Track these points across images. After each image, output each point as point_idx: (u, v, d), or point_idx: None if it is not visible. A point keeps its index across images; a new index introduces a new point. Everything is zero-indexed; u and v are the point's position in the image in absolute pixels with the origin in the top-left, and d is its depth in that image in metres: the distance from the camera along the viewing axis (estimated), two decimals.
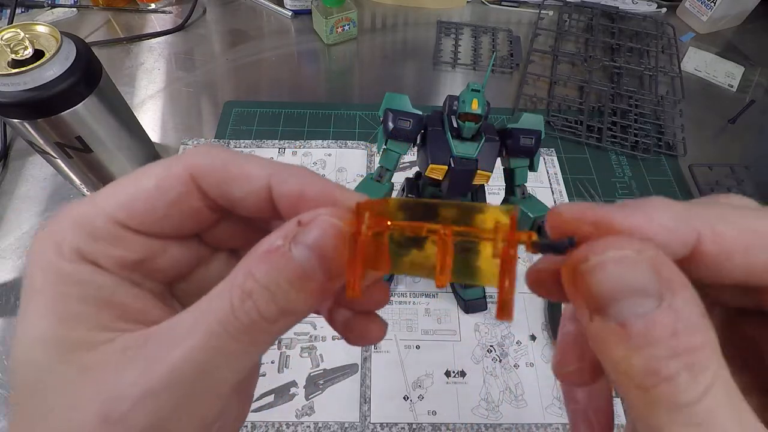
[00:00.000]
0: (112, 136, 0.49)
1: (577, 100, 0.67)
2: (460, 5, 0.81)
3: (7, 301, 0.47)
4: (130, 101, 0.60)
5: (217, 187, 0.15)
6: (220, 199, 0.15)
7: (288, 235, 0.14)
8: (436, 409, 0.42)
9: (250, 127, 0.61)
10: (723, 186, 0.58)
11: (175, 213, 0.15)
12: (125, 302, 0.15)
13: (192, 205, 0.15)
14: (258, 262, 0.13)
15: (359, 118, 0.63)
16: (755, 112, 0.67)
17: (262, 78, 0.69)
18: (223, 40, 0.74)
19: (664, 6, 0.81)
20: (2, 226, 0.52)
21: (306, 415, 0.41)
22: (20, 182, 0.55)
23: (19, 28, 0.41)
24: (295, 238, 0.13)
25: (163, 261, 0.16)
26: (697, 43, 0.77)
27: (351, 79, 0.70)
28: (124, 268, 0.15)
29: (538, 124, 0.35)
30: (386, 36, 0.76)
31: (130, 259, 0.15)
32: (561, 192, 0.57)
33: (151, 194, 0.15)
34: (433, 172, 0.33)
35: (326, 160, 0.58)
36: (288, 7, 0.76)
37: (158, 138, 0.60)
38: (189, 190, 0.15)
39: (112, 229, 0.14)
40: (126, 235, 0.15)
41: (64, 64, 0.41)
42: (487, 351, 0.45)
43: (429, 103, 0.66)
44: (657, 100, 0.67)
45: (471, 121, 0.32)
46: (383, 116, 0.34)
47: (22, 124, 0.43)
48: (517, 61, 0.72)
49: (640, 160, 0.61)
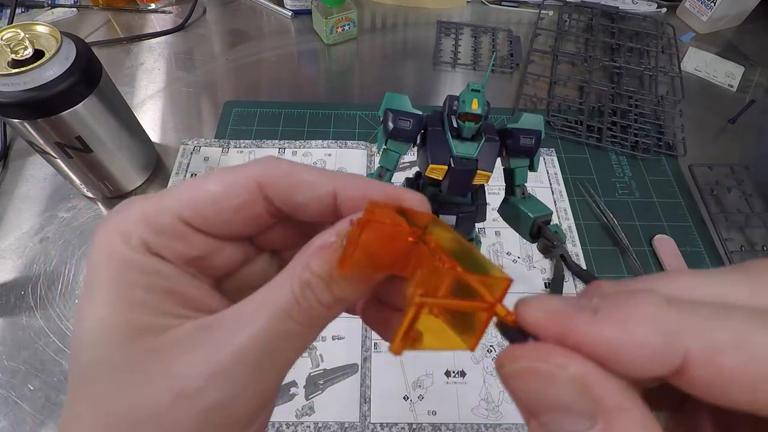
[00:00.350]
0: (112, 136, 0.49)
1: (577, 100, 0.67)
2: (460, 5, 0.81)
3: (7, 301, 0.47)
4: (130, 101, 0.60)
5: (282, 194, 0.16)
6: (284, 206, 0.16)
7: (341, 233, 0.15)
8: (436, 409, 0.42)
9: (250, 127, 0.61)
10: (723, 186, 0.58)
11: (238, 218, 0.16)
12: (187, 292, 0.16)
13: (255, 212, 0.16)
14: (314, 256, 0.15)
15: (359, 118, 0.63)
16: (755, 112, 0.67)
17: (262, 78, 0.69)
18: (223, 40, 0.74)
19: (664, 6, 0.81)
20: (2, 226, 0.52)
21: (306, 415, 0.41)
22: (20, 182, 0.55)
23: (19, 28, 0.41)
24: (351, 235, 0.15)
25: (219, 259, 0.17)
26: (697, 43, 0.77)
27: (351, 79, 0.70)
28: (185, 261, 0.16)
29: (538, 124, 0.35)
30: (386, 36, 0.76)
31: (192, 255, 0.16)
32: (561, 192, 0.57)
33: (219, 198, 0.16)
34: (433, 172, 0.33)
35: (326, 160, 0.58)
36: (288, 7, 0.76)
37: (158, 138, 0.60)
38: (254, 198, 0.16)
39: (177, 227, 0.15)
40: (190, 233, 0.16)
41: (64, 64, 0.41)
42: (487, 351, 0.45)
43: (429, 103, 0.66)
44: (657, 100, 0.67)
45: (471, 121, 0.32)
46: (383, 116, 0.34)
47: (22, 124, 0.43)
48: (517, 61, 0.72)
49: (640, 160, 0.61)
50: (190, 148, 0.58)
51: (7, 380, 0.42)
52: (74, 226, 0.52)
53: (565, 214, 0.55)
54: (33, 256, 0.50)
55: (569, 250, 0.52)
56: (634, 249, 0.52)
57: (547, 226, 0.35)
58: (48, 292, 0.47)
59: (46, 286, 0.48)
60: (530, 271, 0.50)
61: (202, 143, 0.58)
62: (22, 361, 0.43)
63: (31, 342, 0.44)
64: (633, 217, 0.55)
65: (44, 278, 0.48)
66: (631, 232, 0.54)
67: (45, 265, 0.49)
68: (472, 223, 0.39)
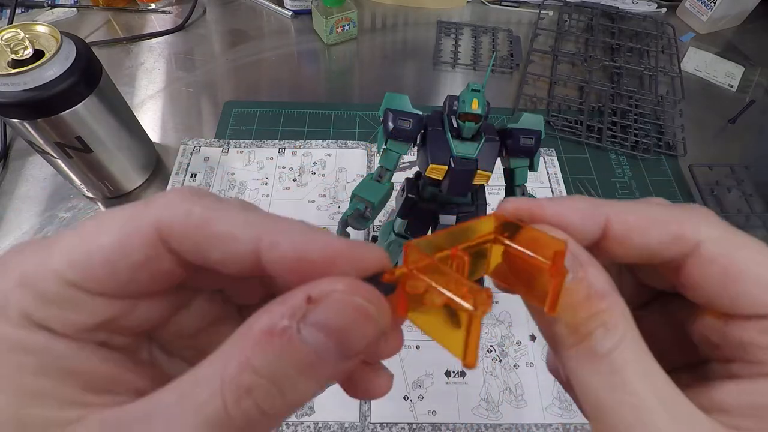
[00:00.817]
0: (112, 136, 0.49)
1: (577, 100, 0.67)
2: (460, 5, 0.81)
3: None
4: (130, 101, 0.60)
5: (191, 248, 0.13)
6: (196, 260, 0.13)
7: (295, 314, 0.11)
8: (436, 409, 0.42)
9: (250, 127, 0.61)
10: (723, 186, 0.58)
11: (141, 276, 0.13)
12: (91, 370, 0.13)
13: (162, 267, 0.13)
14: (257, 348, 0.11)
15: (359, 118, 0.63)
16: (755, 112, 0.67)
17: (262, 78, 0.69)
18: (223, 40, 0.74)
19: (664, 6, 0.81)
20: (2, 226, 0.52)
21: (306, 415, 0.41)
22: (20, 182, 0.55)
23: (19, 28, 0.41)
24: (306, 317, 0.12)
25: (133, 318, 0.14)
26: (697, 43, 0.77)
27: (351, 79, 0.70)
28: (84, 331, 0.13)
29: (538, 124, 0.35)
30: (386, 36, 0.76)
31: (91, 323, 0.13)
32: (561, 192, 0.57)
33: (111, 255, 0.12)
34: (433, 172, 0.33)
35: (326, 160, 0.58)
36: (288, 7, 0.76)
37: (158, 138, 0.60)
38: (157, 253, 0.13)
39: (64, 292, 0.12)
40: (83, 298, 0.12)
41: (64, 64, 0.41)
42: (487, 351, 0.45)
43: (429, 103, 0.66)
44: (657, 100, 0.67)
45: (471, 121, 0.32)
46: (383, 116, 0.34)
47: (22, 124, 0.43)
48: (517, 61, 0.72)
49: (640, 160, 0.61)
50: (190, 148, 0.58)
51: None
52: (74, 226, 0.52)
53: None
54: None
55: None
56: None
57: None
58: None
59: None
60: None
61: (202, 143, 0.58)
62: None
63: None
64: None
65: None
66: None
67: None
68: None
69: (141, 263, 0.13)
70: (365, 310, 0.12)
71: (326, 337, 0.11)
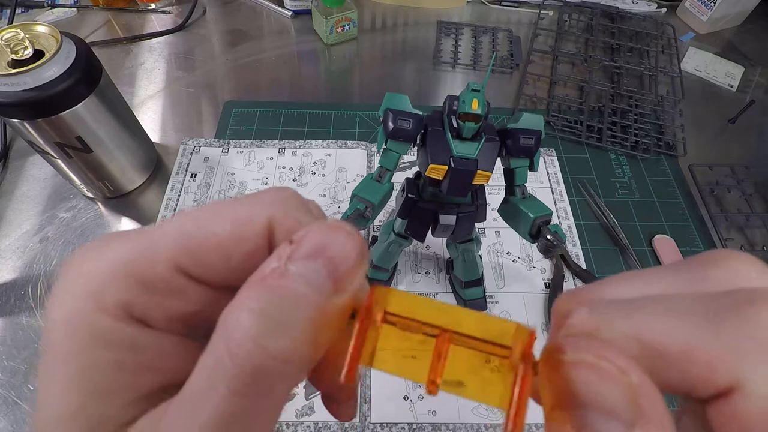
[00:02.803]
0: (112, 136, 0.49)
1: (577, 100, 0.67)
2: (460, 5, 0.81)
3: (7, 300, 0.47)
4: (130, 101, 0.60)
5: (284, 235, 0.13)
6: None
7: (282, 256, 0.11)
8: (436, 409, 0.42)
9: (250, 127, 0.61)
10: (723, 186, 0.58)
11: (248, 266, 0.12)
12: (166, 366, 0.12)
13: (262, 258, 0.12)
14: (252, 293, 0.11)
15: (359, 118, 0.63)
16: (755, 112, 0.67)
17: (262, 78, 0.69)
18: (223, 40, 0.74)
19: (664, 6, 0.81)
20: (2, 226, 0.52)
21: (306, 415, 0.41)
22: (20, 182, 0.55)
23: (19, 28, 0.41)
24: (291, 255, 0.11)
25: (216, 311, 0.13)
26: (697, 43, 0.77)
27: (351, 79, 0.70)
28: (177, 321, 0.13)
29: (538, 124, 0.35)
30: (386, 36, 0.76)
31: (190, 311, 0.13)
32: (561, 192, 0.57)
33: (226, 241, 0.12)
34: (432, 172, 0.33)
35: (326, 160, 0.58)
36: (288, 7, 0.76)
37: (158, 138, 0.60)
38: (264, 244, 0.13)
39: (172, 278, 0.12)
40: (190, 285, 0.12)
41: (64, 64, 0.41)
42: None
43: (429, 103, 0.66)
44: (657, 100, 0.67)
45: (471, 121, 0.32)
46: (383, 116, 0.34)
47: (22, 124, 0.43)
48: (517, 61, 0.72)
49: (640, 160, 0.61)
50: (190, 148, 0.58)
51: (7, 380, 0.42)
52: (74, 226, 0.52)
53: (565, 214, 0.55)
54: (33, 256, 0.50)
55: (569, 250, 0.52)
56: (634, 249, 0.52)
57: (547, 226, 0.35)
58: (48, 292, 0.47)
59: (46, 286, 0.48)
60: (530, 271, 0.50)
61: (202, 143, 0.58)
62: (22, 361, 0.43)
63: (31, 342, 0.44)
64: (633, 217, 0.56)
65: (44, 278, 0.48)
66: (631, 232, 0.54)
67: (45, 265, 0.49)
68: (472, 223, 0.39)
69: (251, 253, 0.13)
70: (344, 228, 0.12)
71: (314, 261, 0.11)
